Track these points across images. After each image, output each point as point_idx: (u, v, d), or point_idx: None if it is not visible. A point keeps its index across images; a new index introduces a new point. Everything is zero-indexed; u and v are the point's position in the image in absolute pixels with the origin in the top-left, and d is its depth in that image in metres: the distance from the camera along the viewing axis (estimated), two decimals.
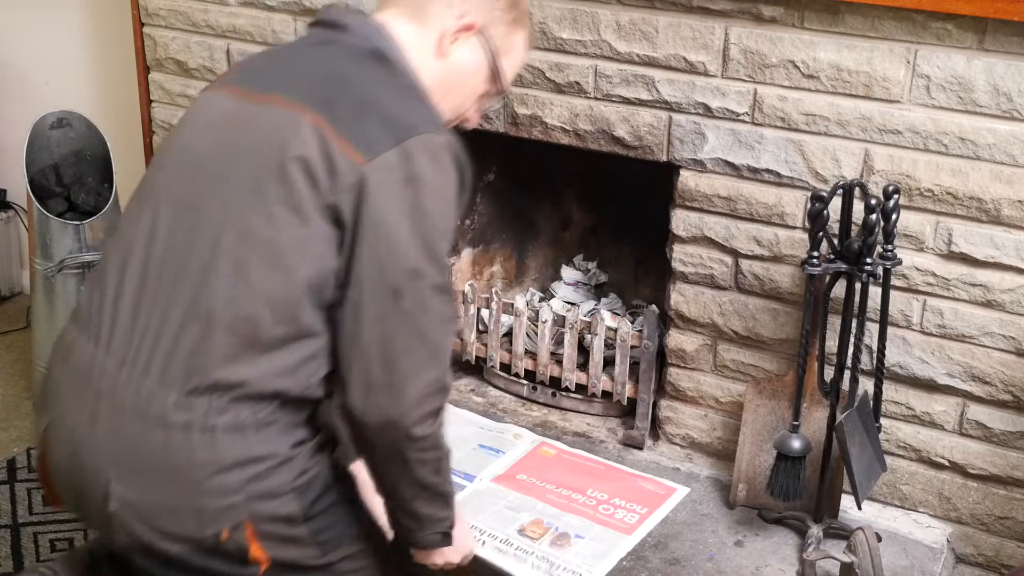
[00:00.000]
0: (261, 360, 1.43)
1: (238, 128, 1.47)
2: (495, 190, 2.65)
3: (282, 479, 1.47)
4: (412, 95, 1.51)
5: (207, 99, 1.57)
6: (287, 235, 1.40)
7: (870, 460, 1.94)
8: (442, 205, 1.44)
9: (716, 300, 2.18)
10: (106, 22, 3.10)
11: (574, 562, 1.91)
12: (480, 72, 1.60)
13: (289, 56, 1.59)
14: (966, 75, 1.85)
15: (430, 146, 1.42)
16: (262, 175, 1.42)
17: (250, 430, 1.44)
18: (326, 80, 1.48)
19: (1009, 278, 1.93)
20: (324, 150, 1.39)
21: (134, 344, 1.46)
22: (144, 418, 1.43)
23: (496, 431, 2.34)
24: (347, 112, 1.42)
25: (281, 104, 1.45)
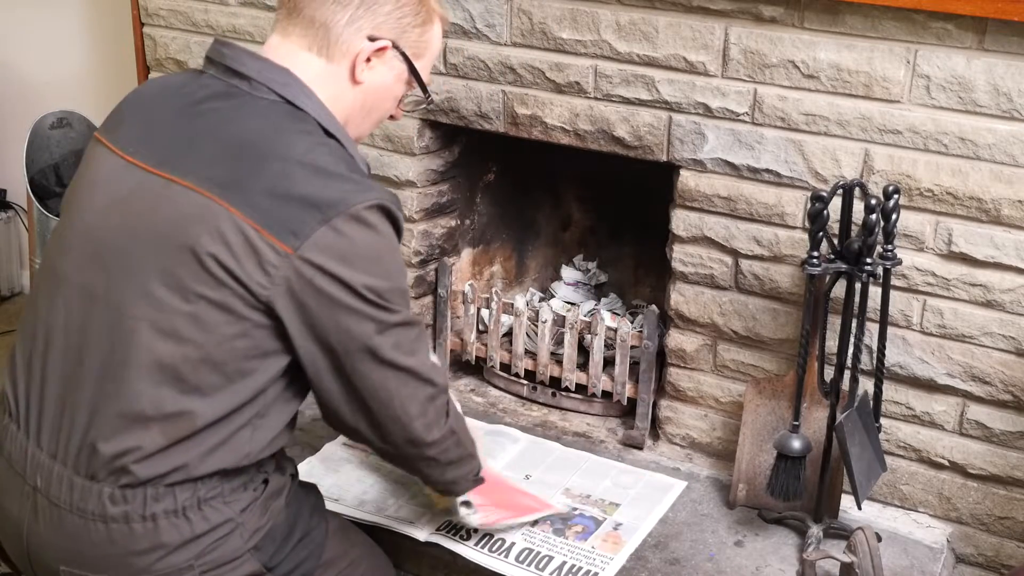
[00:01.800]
0: (194, 445, 1.40)
1: (145, 213, 1.39)
2: (495, 190, 2.65)
3: (233, 545, 1.46)
4: (329, 158, 1.41)
5: (106, 162, 1.47)
6: (215, 334, 1.36)
7: (870, 460, 1.94)
8: (384, 271, 1.43)
9: (716, 300, 2.18)
10: (106, 22, 3.10)
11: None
12: (399, 82, 1.56)
13: (190, 115, 1.44)
14: (966, 75, 1.85)
15: (359, 217, 1.37)
16: (181, 274, 1.35)
17: (191, 511, 1.42)
18: (236, 156, 1.38)
19: (1009, 278, 1.93)
20: (248, 244, 1.33)
21: (63, 439, 1.43)
22: (82, 514, 1.41)
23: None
24: (264, 197, 1.34)
25: (191, 189, 1.36)
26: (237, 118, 1.42)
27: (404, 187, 2.43)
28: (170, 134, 1.43)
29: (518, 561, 1.92)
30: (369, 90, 1.52)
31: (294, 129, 1.42)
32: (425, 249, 2.50)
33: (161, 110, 1.47)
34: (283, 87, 1.44)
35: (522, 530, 2.00)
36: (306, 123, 1.44)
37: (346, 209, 1.36)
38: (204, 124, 1.42)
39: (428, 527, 1.99)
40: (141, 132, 1.46)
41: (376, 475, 2.14)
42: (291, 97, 1.44)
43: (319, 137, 1.44)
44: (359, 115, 1.54)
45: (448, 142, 2.46)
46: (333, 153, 1.43)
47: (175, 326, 1.36)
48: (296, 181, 1.36)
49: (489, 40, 2.24)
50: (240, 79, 1.45)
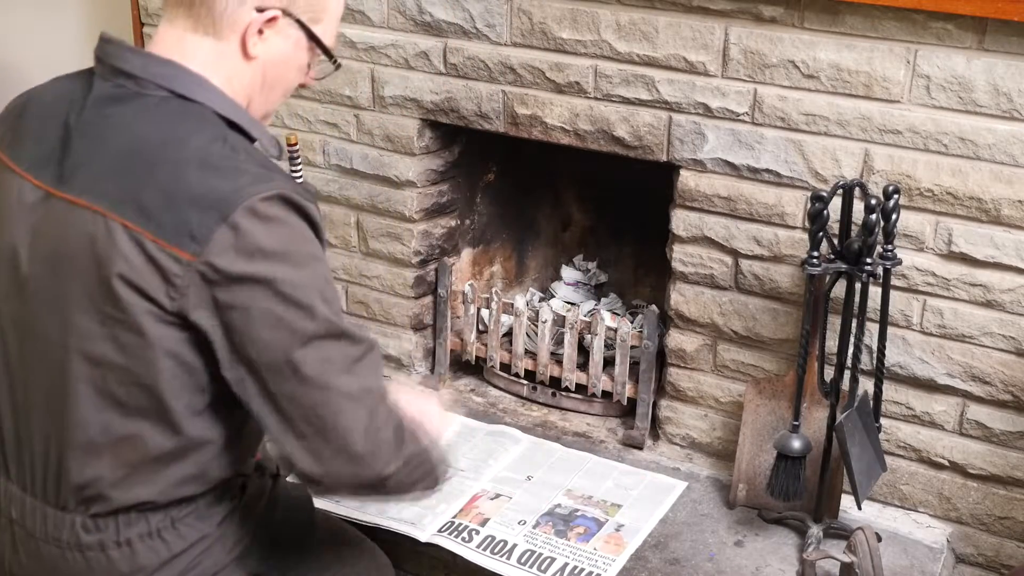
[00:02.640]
0: (157, 476, 1.37)
1: (53, 238, 1.34)
2: (495, 190, 2.65)
3: (215, 559, 1.45)
4: (224, 151, 1.33)
5: (13, 186, 1.40)
6: (138, 356, 1.31)
7: (870, 460, 1.94)
8: (297, 263, 1.30)
9: (716, 300, 2.18)
10: (106, 22, 3.10)
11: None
12: (299, 50, 1.44)
13: (81, 127, 1.36)
14: (966, 75, 1.85)
15: (257, 210, 1.27)
16: (94, 297, 1.30)
17: (167, 531, 1.41)
18: (127, 167, 1.31)
19: (1009, 278, 1.93)
20: (147, 257, 1.27)
21: (28, 471, 1.41)
22: (58, 543, 1.40)
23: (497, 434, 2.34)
24: (158, 204, 1.28)
25: (89, 208, 1.30)
26: (126, 124, 1.34)
27: (404, 187, 2.43)
28: (65, 150, 1.36)
29: (520, 563, 1.92)
30: (267, 64, 1.41)
31: (186, 127, 1.34)
32: (425, 249, 2.50)
33: (54, 123, 1.39)
34: (171, 81, 1.36)
35: (524, 532, 2.00)
36: (200, 116, 1.36)
37: (242, 202, 1.26)
38: (94, 135, 1.35)
39: (429, 528, 1.99)
40: (39, 150, 1.39)
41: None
42: (181, 90, 1.36)
43: (215, 129, 1.35)
44: (261, 92, 1.44)
45: (448, 142, 2.46)
46: (230, 144, 1.34)
47: (101, 352, 1.32)
48: (188, 182, 1.28)
49: (489, 40, 2.24)
50: (127, 78, 1.37)
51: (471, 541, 1.97)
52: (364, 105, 2.43)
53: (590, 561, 1.93)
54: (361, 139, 2.46)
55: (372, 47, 2.37)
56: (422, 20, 2.30)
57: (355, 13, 2.37)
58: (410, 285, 2.51)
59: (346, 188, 2.50)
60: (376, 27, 2.36)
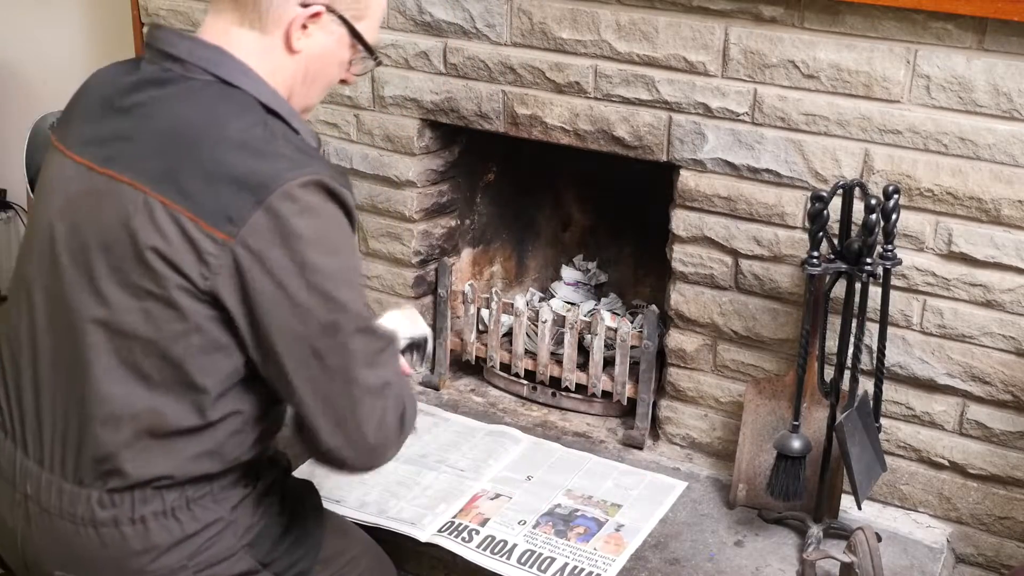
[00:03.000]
0: (176, 451, 1.39)
1: (91, 212, 1.37)
2: (495, 190, 2.65)
3: (227, 542, 1.46)
4: (265, 134, 1.36)
5: (58, 163, 1.45)
6: (168, 330, 1.33)
7: (870, 460, 1.94)
8: (330, 250, 1.34)
9: (716, 300, 2.18)
10: (106, 22, 3.10)
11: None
12: (341, 46, 1.48)
13: (130, 107, 1.41)
14: (966, 75, 1.85)
15: (294, 196, 1.30)
16: (128, 270, 1.33)
17: (181, 511, 1.42)
18: (169, 146, 1.35)
19: (1009, 278, 1.93)
20: (184, 235, 1.30)
21: (46, 445, 1.43)
22: (72, 519, 1.41)
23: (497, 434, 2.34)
24: (198, 184, 1.31)
25: (130, 185, 1.34)
26: (170, 106, 1.38)
27: (404, 187, 2.43)
28: (110, 130, 1.40)
29: (520, 563, 1.92)
30: (310, 58, 1.45)
31: (228, 110, 1.37)
32: (425, 249, 2.50)
33: (102, 105, 1.44)
34: (216, 66, 1.40)
35: (524, 532, 2.00)
36: (242, 102, 1.39)
37: (279, 187, 1.29)
38: (139, 115, 1.39)
39: (429, 528, 2.00)
40: (86, 130, 1.44)
41: (377, 476, 2.14)
42: (225, 75, 1.39)
43: (256, 115, 1.39)
44: (302, 85, 1.47)
45: (448, 142, 2.46)
46: (270, 129, 1.37)
47: (130, 324, 1.34)
48: (227, 164, 1.31)
49: (489, 40, 2.24)
50: (173, 62, 1.41)
51: (471, 541, 1.97)
52: (364, 105, 2.43)
53: (590, 561, 1.93)
54: (361, 139, 2.46)
55: None
56: (422, 20, 2.30)
57: None
58: (410, 285, 2.52)
59: None
60: None
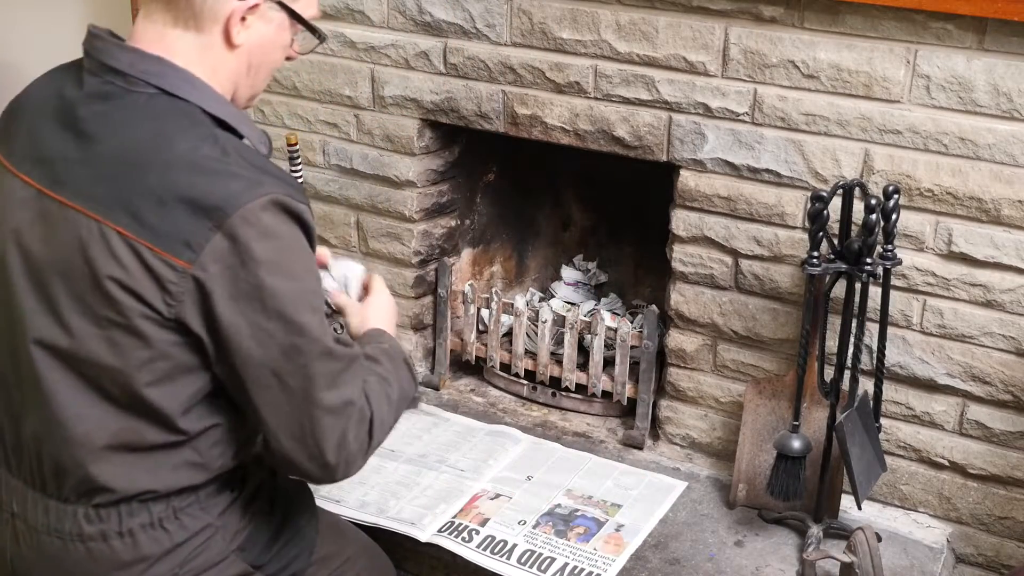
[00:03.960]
0: (158, 464, 1.38)
1: (45, 238, 1.34)
2: (495, 190, 2.65)
3: (217, 548, 1.45)
4: (214, 152, 1.31)
5: (6, 186, 1.40)
6: (133, 358, 1.31)
7: (870, 460, 1.94)
8: (289, 274, 1.31)
9: (716, 300, 2.18)
10: (106, 22, 3.09)
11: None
12: (282, 30, 1.43)
13: (73, 127, 1.36)
14: (966, 75, 1.85)
15: (252, 219, 1.27)
16: (88, 300, 1.31)
17: (168, 521, 1.41)
18: (119, 170, 1.31)
19: (1009, 278, 1.93)
20: (143, 264, 1.27)
21: (28, 465, 1.42)
22: (60, 535, 1.41)
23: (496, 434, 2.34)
24: (151, 210, 1.27)
25: (82, 212, 1.30)
26: (115, 124, 1.34)
27: (404, 187, 2.43)
28: (57, 149, 1.36)
29: (520, 563, 1.92)
30: (251, 50, 1.40)
31: (175, 126, 1.33)
32: (425, 249, 2.50)
33: (46, 120, 1.39)
34: (159, 78, 1.35)
35: (524, 532, 2.00)
36: (188, 115, 1.35)
37: (237, 211, 1.26)
38: (85, 135, 1.34)
39: (429, 528, 1.99)
40: (32, 148, 1.39)
41: (377, 476, 2.14)
42: (169, 87, 1.35)
43: (204, 129, 1.34)
44: (247, 77, 1.43)
45: (448, 142, 2.46)
46: (220, 145, 1.32)
47: (94, 352, 1.32)
48: (179, 186, 1.27)
49: (489, 40, 2.24)
50: (115, 75, 1.35)
51: (471, 541, 1.97)
52: (364, 105, 2.43)
53: (590, 561, 1.93)
54: (361, 139, 2.46)
55: (372, 47, 2.37)
56: (422, 20, 2.30)
57: (355, 13, 2.37)
58: (410, 285, 2.51)
59: (346, 188, 2.50)
60: (376, 27, 2.36)
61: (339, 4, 2.38)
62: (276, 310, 1.30)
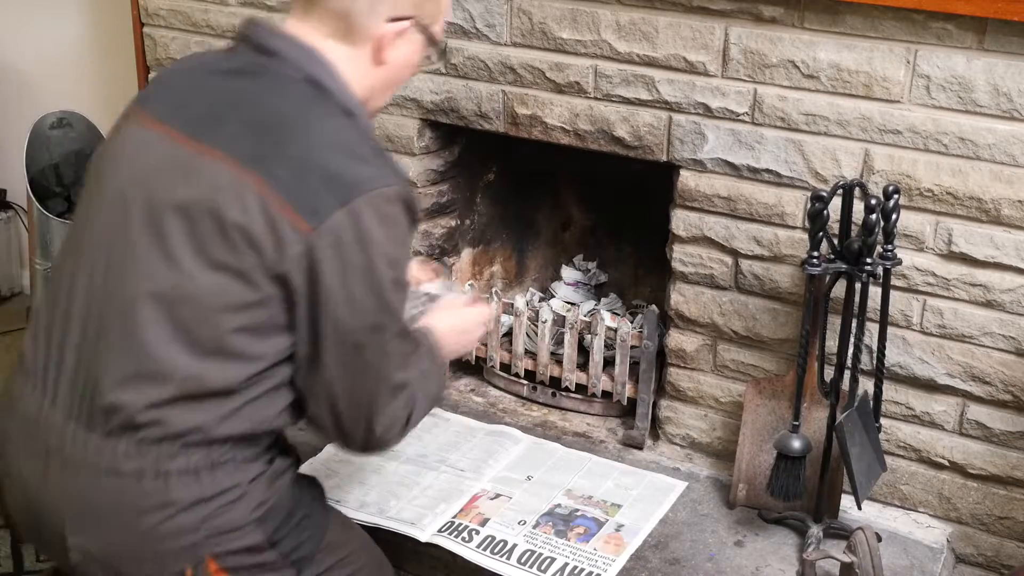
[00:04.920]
0: (210, 409, 1.43)
1: (172, 182, 1.41)
2: (495, 190, 2.65)
3: (239, 513, 1.47)
4: (353, 138, 1.45)
5: (138, 132, 1.49)
6: (235, 302, 1.39)
7: (870, 460, 1.94)
8: (393, 259, 1.43)
9: (716, 300, 2.18)
10: (106, 22, 3.10)
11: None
12: (418, 51, 1.57)
13: (221, 90, 1.48)
14: (966, 75, 1.85)
15: (376, 203, 1.39)
16: (205, 239, 1.38)
17: (203, 472, 1.44)
18: (263, 130, 1.42)
19: (1009, 278, 1.93)
20: (268, 219, 1.36)
21: (78, 399, 1.44)
22: (95, 471, 1.43)
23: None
24: (288, 173, 1.38)
25: (220, 160, 1.39)
26: (264, 95, 1.45)
27: None
28: (200, 107, 1.46)
29: (520, 563, 1.92)
30: (393, 67, 1.54)
31: (319, 109, 1.45)
32: (425, 249, 2.50)
33: (192, 83, 1.51)
34: (308, 64, 1.47)
35: (524, 532, 2.00)
36: (330, 103, 1.47)
37: (367, 193, 1.38)
38: (233, 99, 1.45)
39: (429, 528, 1.99)
40: (173, 104, 1.49)
41: (377, 476, 2.14)
42: (316, 76, 1.47)
43: (342, 118, 1.47)
44: (381, 91, 1.57)
45: (448, 142, 2.46)
46: (358, 134, 1.47)
47: (197, 291, 1.39)
48: (321, 159, 1.39)
49: (489, 40, 2.24)
50: (268, 56, 1.47)
51: (471, 541, 1.97)
52: None
53: (590, 561, 1.93)
54: None
55: None
56: None
57: None
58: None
59: None
60: None
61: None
62: (376, 289, 1.41)
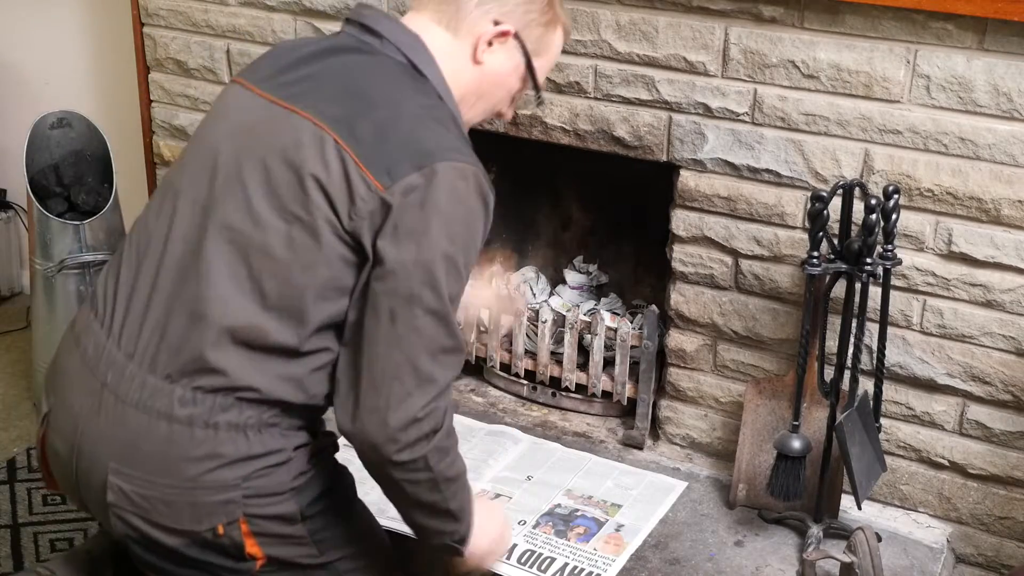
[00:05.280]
0: (269, 367, 1.45)
1: (261, 136, 1.47)
2: (495, 190, 2.64)
3: (280, 478, 1.49)
4: (440, 116, 1.49)
5: (237, 95, 1.56)
6: (303, 256, 1.42)
7: (870, 460, 1.94)
8: (454, 234, 1.43)
9: (716, 300, 2.18)
10: (106, 22, 3.10)
11: None
12: (515, 74, 1.60)
13: (321, 61, 1.54)
14: (966, 75, 1.85)
15: (451, 174, 1.42)
16: (283, 191, 1.42)
17: (252, 430, 1.46)
18: (354, 97, 1.47)
19: (1009, 278, 1.93)
20: (344, 174, 1.40)
21: (144, 340, 1.47)
22: (148, 412, 1.45)
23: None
24: (369, 134, 1.42)
25: (308, 119, 1.44)
26: (362, 69, 1.50)
27: None
28: (299, 76, 1.51)
29: (520, 563, 1.92)
30: (487, 72, 1.57)
31: (412, 88, 1.49)
32: None
33: (294, 58, 1.56)
34: (410, 50, 1.52)
35: (524, 532, 2.00)
36: (425, 87, 1.51)
37: (441, 161, 1.40)
38: (331, 70, 1.51)
39: None
40: (274, 73, 1.54)
41: None
42: (416, 61, 1.51)
43: (434, 100, 1.51)
44: (473, 96, 1.59)
45: None
46: (444, 113, 1.50)
47: (268, 241, 1.42)
48: (403, 127, 1.43)
49: None
50: (373, 36, 1.53)
51: None
52: None
53: (590, 561, 1.93)
54: None
55: None
56: None
57: None
58: None
59: None
60: None
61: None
62: (425, 257, 1.40)
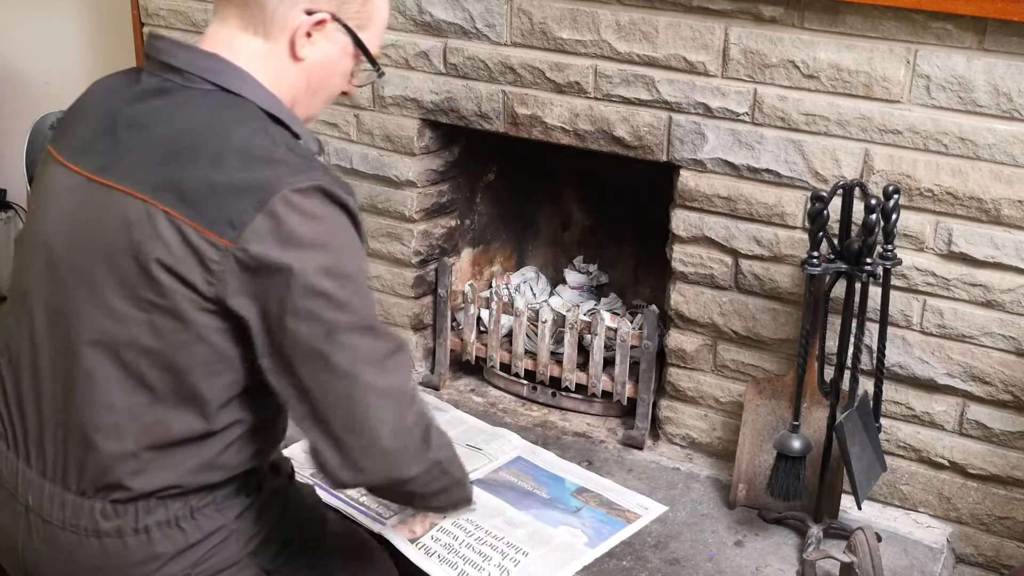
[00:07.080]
0: (181, 460, 1.39)
1: (90, 223, 1.36)
2: (495, 190, 2.65)
3: (230, 551, 1.45)
4: (266, 141, 1.35)
5: (54, 175, 1.43)
6: (173, 339, 1.33)
7: (870, 460, 1.94)
8: (331, 254, 1.33)
9: (716, 300, 2.18)
10: (106, 22, 3.10)
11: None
12: (345, 56, 1.46)
13: (127, 119, 1.40)
14: (966, 75, 1.85)
15: (294, 201, 1.29)
16: (132, 282, 1.32)
17: (185, 520, 1.41)
18: (170, 155, 1.33)
19: (1009, 278, 1.93)
20: (186, 244, 1.29)
21: (49, 456, 1.42)
22: (75, 530, 1.41)
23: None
24: (198, 192, 1.30)
25: (129, 194, 1.32)
26: (170, 115, 1.37)
27: (404, 187, 2.43)
28: (109, 141, 1.39)
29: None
30: (313, 67, 1.44)
31: (229, 118, 1.36)
32: (425, 249, 2.50)
33: (101, 116, 1.43)
34: (216, 74, 1.39)
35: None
36: (243, 109, 1.38)
37: (280, 191, 1.28)
38: (140, 126, 1.38)
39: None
40: (83, 141, 1.42)
41: None
42: (225, 84, 1.38)
43: (257, 122, 1.38)
44: (306, 94, 1.46)
45: (448, 142, 2.46)
46: (271, 137, 1.36)
47: (136, 336, 1.33)
48: (228, 170, 1.30)
49: (489, 40, 2.24)
50: (173, 72, 1.40)
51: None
52: (364, 105, 2.43)
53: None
54: (361, 139, 2.46)
55: None
56: (422, 20, 2.30)
57: None
58: (410, 285, 2.52)
59: None
60: None
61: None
62: (315, 289, 1.30)
